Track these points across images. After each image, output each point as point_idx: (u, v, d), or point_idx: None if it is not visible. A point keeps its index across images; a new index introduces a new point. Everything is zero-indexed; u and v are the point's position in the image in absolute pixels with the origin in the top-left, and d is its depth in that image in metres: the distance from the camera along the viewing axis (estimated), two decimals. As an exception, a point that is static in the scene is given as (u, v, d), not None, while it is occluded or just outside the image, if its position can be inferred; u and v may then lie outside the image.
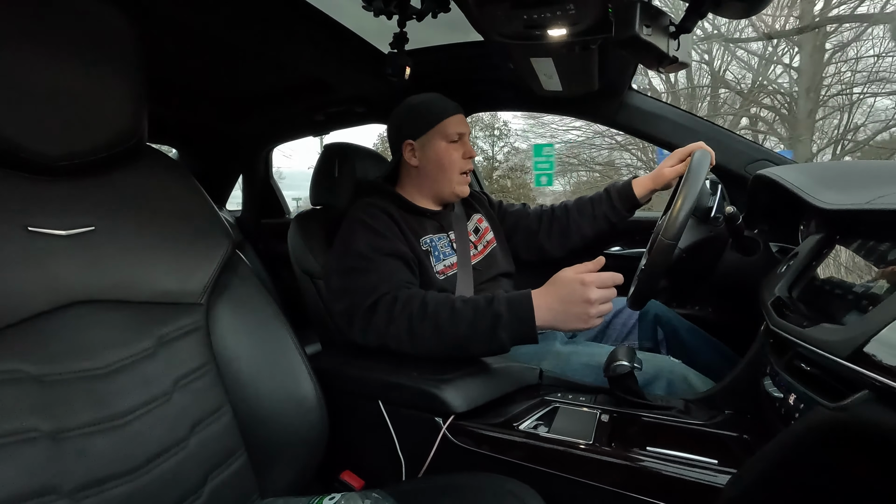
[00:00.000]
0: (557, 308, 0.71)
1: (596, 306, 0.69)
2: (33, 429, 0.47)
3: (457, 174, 0.99)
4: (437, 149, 0.98)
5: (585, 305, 0.69)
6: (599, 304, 0.70)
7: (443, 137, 0.98)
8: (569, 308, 0.70)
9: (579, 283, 0.70)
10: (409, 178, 1.03)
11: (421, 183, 1.02)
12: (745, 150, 1.14)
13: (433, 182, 1.00)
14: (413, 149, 1.00)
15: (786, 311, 0.56)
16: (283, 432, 0.66)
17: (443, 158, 0.98)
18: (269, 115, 1.66)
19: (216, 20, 0.95)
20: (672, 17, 0.70)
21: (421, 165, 1.00)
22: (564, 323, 0.71)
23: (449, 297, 0.78)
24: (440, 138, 0.98)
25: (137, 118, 0.58)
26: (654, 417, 0.69)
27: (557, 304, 0.71)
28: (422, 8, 0.90)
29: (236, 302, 0.68)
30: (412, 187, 1.03)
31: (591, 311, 0.69)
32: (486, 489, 0.60)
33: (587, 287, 0.69)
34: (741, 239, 0.86)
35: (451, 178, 0.99)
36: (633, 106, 1.25)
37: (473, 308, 0.75)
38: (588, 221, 1.11)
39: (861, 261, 0.53)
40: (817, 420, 0.45)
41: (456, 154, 0.99)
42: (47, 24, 0.50)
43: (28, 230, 0.51)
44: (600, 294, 0.69)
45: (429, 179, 1.00)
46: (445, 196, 1.02)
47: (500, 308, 0.73)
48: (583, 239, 1.12)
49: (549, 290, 0.73)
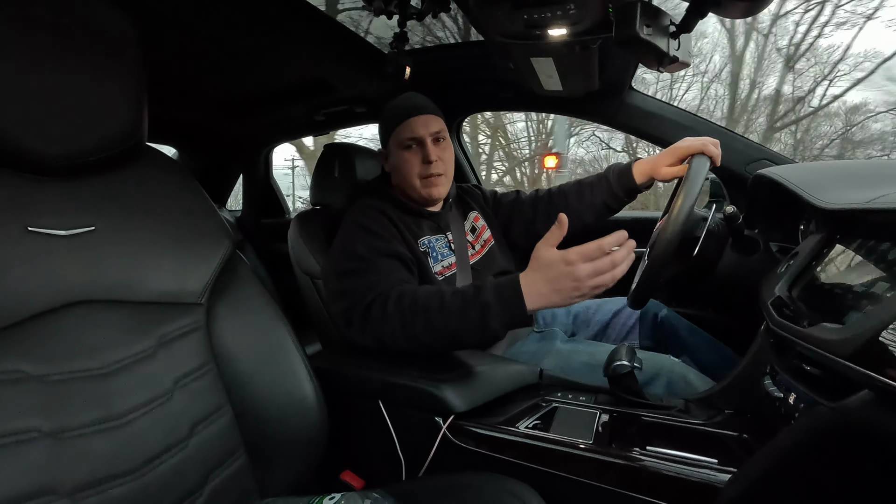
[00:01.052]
0: (546, 290, 0.66)
1: (586, 281, 0.63)
2: (33, 429, 0.47)
3: (417, 180, 0.96)
4: (396, 156, 0.98)
5: (575, 283, 0.63)
6: (590, 277, 0.63)
7: (397, 145, 0.97)
8: (558, 287, 0.65)
9: (562, 262, 0.64)
10: (394, 181, 1.03)
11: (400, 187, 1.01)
12: (745, 149, 1.14)
13: (403, 188, 1.00)
14: (385, 156, 1.02)
15: (786, 310, 0.56)
16: (283, 432, 0.66)
17: (400, 166, 0.97)
18: (269, 115, 1.66)
19: (217, 20, 0.95)
20: (672, 16, 0.70)
21: (392, 172, 1.01)
22: (560, 302, 0.66)
23: (439, 290, 0.76)
24: (395, 145, 0.97)
25: (137, 118, 0.58)
26: (653, 417, 0.69)
27: (545, 286, 0.66)
28: (422, 8, 0.90)
29: (236, 302, 0.68)
30: (400, 190, 1.03)
31: (584, 286, 0.64)
32: (485, 489, 0.60)
33: (573, 266, 0.63)
34: (741, 239, 0.86)
35: (412, 183, 0.97)
36: (633, 105, 1.25)
37: (462, 299, 0.72)
38: (587, 208, 1.06)
39: (861, 261, 0.53)
40: (817, 420, 0.45)
41: (414, 159, 0.95)
42: (48, 25, 0.50)
43: (28, 230, 0.51)
44: (589, 268, 0.63)
45: (400, 185, 1.00)
46: (417, 200, 1.00)
47: (489, 297, 0.70)
48: (583, 226, 1.07)
49: (535, 273, 0.68)
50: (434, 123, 0.97)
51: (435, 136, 0.96)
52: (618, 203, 1.04)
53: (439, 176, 0.97)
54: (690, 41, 0.76)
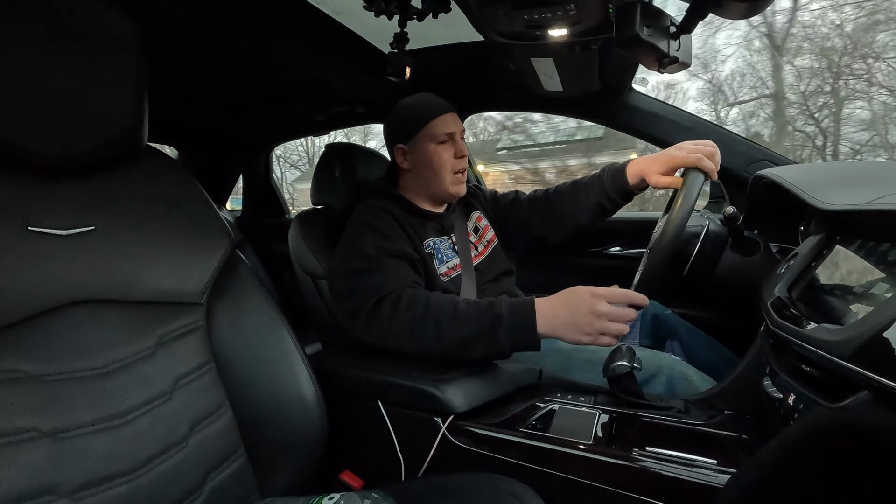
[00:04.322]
0: (563, 315, 0.70)
1: (603, 321, 0.67)
2: (33, 428, 0.47)
3: (450, 174, 0.98)
4: (427, 151, 0.97)
5: (592, 317, 0.68)
6: (607, 319, 0.68)
7: (430, 139, 0.97)
8: (574, 317, 0.69)
9: (589, 294, 0.69)
10: (406, 180, 1.03)
11: (417, 185, 1.01)
12: (746, 150, 1.14)
13: (427, 184, 1.00)
14: (404, 153, 1.00)
15: (786, 311, 0.56)
16: (282, 432, 0.66)
17: (433, 160, 0.97)
18: (270, 115, 1.66)
19: (217, 20, 0.95)
20: (672, 17, 0.70)
21: (413, 169, 1.00)
22: (568, 332, 0.69)
23: (453, 299, 0.78)
24: (428, 140, 0.97)
25: (138, 118, 0.58)
26: (653, 417, 0.69)
27: (563, 310, 0.70)
28: (422, 8, 0.90)
29: (236, 302, 0.68)
30: (410, 190, 1.03)
31: (597, 325, 0.68)
32: (485, 489, 0.60)
33: (597, 299, 0.68)
34: (741, 239, 0.86)
35: (443, 178, 0.98)
36: (633, 106, 1.25)
37: (477, 310, 0.74)
38: (582, 209, 1.05)
39: (861, 261, 0.53)
40: (817, 420, 0.45)
41: (446, 154, 0.97)
42: (49, 25, 0.50)
43: (28, 230, 0.51)
44: (609, 309, 0.68)
45: (423, 182, 1.00)
46: (442, 197, 1.01)
47: (502, 310, 0.72)
48: (578, 227, 1.07)
49: (556, 298, 0.72)
50: (459, 122, 1.00)
51: (461, 133, 1.00)
52: (612, 204, 1.02)
53: (464, 172, 1.00)
54: (691, 42, 0.76)
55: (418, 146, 0.98)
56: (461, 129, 1.00)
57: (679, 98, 7.91)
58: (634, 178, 0.96)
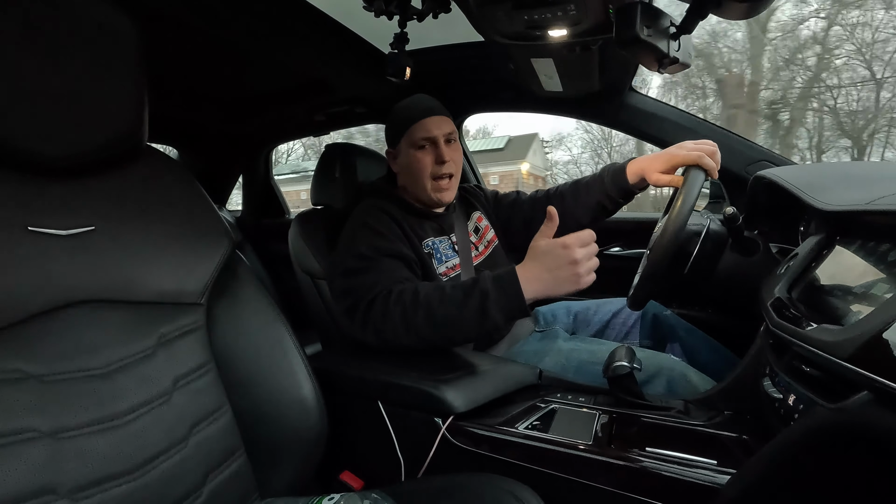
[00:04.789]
0: (545, 277, 0.71)
1: (583, 264, 0.70)
2: (33, 429, 0.47)
3: (429, 180, 0.96)
4: (407, 156, 0.97)
5: (573, 267, 0.70)
6: (586, 261, 0.70)
7: (410, 144, 0.96)
8: (557, 274, 0.70)
9: (560, 246, 0.71)
10: (401, 182, 1.03)
11: (407, 188, 1.01)
12: (745, 150, 1.14)
13: (412, 188, 0.99)
14: (394, 157, 1.01)
15: (785, 311, 0.56)
16: (282, 432, 0.66)
17: (412, 166, 0.96)
18: (270, 115, 1.66)
19: (217, 20, 0.95)
20: (672, 17, 0.70)
21: (400, 172, 1.01)
22: (555, 289, 0.71)
23: (439, 284, 0.78)
24: (408, 145, 0.97)
25: (138, 118, 0.58)
26: (653, 418, 0.69)
27: (544, 273, 0.71)
28: (422, 8, 0.90)
29: (236, 302, 0.68)
30: (406, 191, 1.03)
31: (580, 270, 0.70)
32: (485, 489, 0.60)
33: (570, 249, 0.70)
34: (741, 239, 0.86)
35: (423, 184, 0.96)
36: (633, 106, 1.25)
37: (462, 290, 0.75)
38: (583, 209, 1.06)
39: (861, 261, 0.53)
40: (817, 421, 0.45)
41: (426, 159, 0.95)
42: (49, 25, 0.50)
43: (28, 230, 0.51)
44: (584, 252, 0.70)
45: (409, 185, 1.00)
46: (426, 202, 1.00)
47: (487, 286, 0.73)
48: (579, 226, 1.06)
49: (532, 262, 0.73)
50: (446, 125, 0.97)
51: (447, 137, 0.97)
52: (612, 204, 1.02)
53: (450, 178, 0.98)
54: (691, 42, 0.76)
55: (403, 150, 0.99)
56: (447, 132, 0.97)
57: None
58: (635, 177, 0.96)
